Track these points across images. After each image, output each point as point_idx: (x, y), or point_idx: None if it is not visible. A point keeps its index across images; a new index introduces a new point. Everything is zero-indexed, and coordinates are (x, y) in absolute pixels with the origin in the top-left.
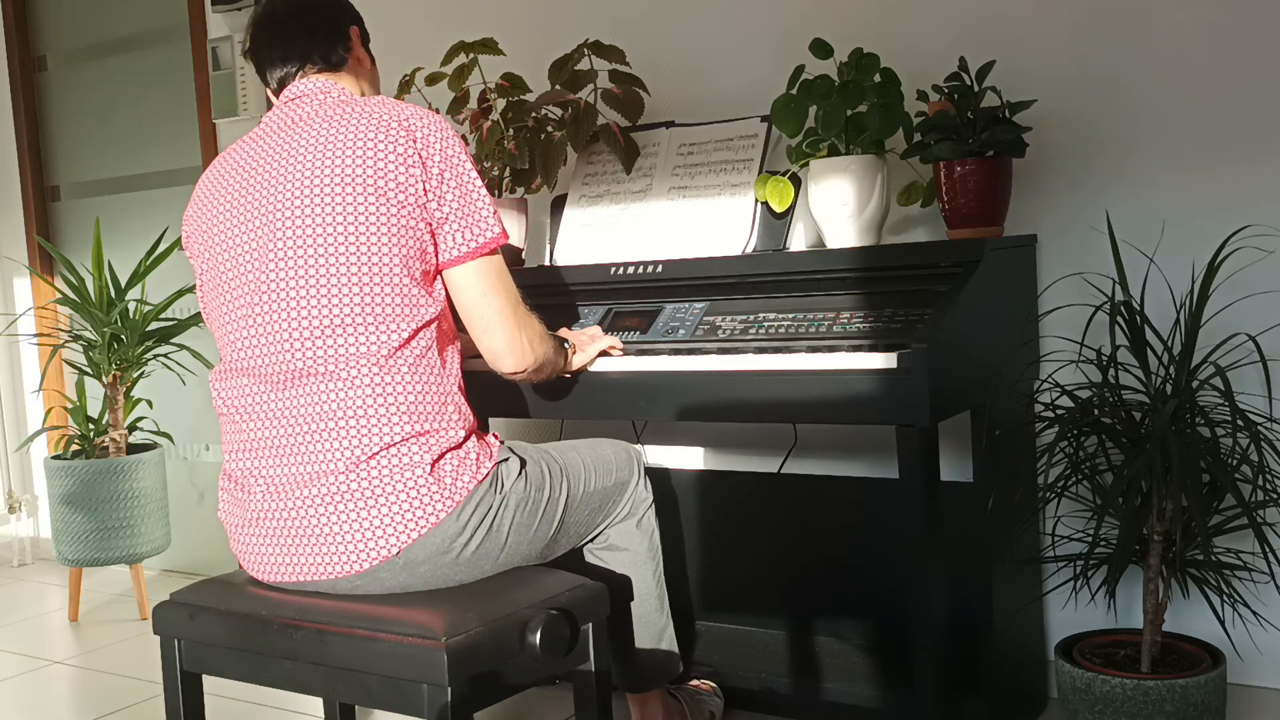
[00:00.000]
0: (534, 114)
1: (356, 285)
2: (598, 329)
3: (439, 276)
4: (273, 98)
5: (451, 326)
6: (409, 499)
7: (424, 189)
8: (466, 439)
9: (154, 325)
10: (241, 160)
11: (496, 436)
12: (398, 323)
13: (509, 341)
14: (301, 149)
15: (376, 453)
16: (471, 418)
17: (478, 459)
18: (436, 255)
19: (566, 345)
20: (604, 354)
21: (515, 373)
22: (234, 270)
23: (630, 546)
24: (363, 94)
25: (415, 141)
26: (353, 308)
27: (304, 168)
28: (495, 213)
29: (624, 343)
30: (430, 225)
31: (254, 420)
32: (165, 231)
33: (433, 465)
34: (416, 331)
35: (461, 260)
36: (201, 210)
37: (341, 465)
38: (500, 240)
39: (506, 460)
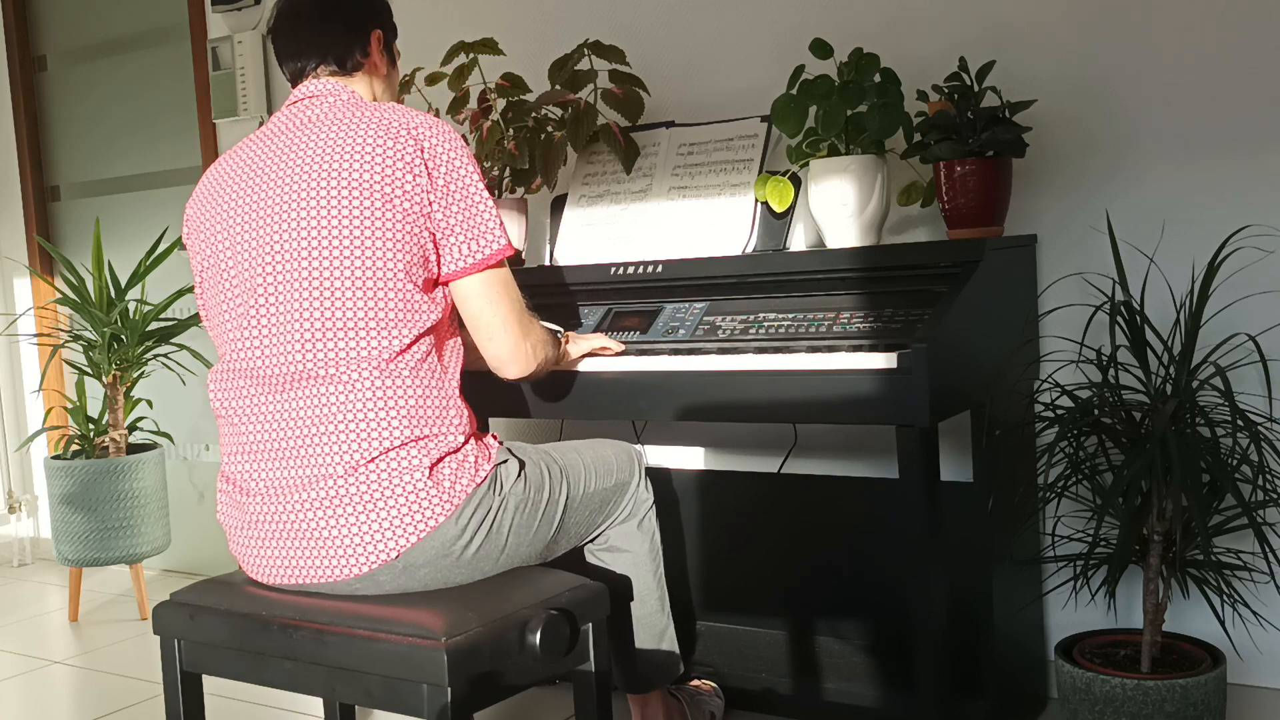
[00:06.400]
0: (534, 114)
1: (359, 289)
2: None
3: (440, 283)
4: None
5: (454, 330)
6: (407, 502)
7: (428, 199)
8: (465, 442)
9: (154, 325)
10: (247, 160)
11: (495, 437)
12: (399, 328)
13: (513, 349)
14: (308, 152)
15: (375, 457)
16: (471, 421)
17: (476, 461)
18: (439, 265)
19: (560, 334)
20: (595, 353)
21: (518, 379)
22: (234, 271)
23: (631, 548)
24: (374, 98)
25: (422, 151)
26: (354, 312)
27: (309, 171)
28: (501, 225)
29: (624, 343)
30: (433, 235)
31: (252, 423)
32: (165, 231)
33: (431, 469)
34: (419, 337)
35: (465, 273)
36: (203, 208)
37: (340, 469)
38: (505, 253)
39: (505, 462)
